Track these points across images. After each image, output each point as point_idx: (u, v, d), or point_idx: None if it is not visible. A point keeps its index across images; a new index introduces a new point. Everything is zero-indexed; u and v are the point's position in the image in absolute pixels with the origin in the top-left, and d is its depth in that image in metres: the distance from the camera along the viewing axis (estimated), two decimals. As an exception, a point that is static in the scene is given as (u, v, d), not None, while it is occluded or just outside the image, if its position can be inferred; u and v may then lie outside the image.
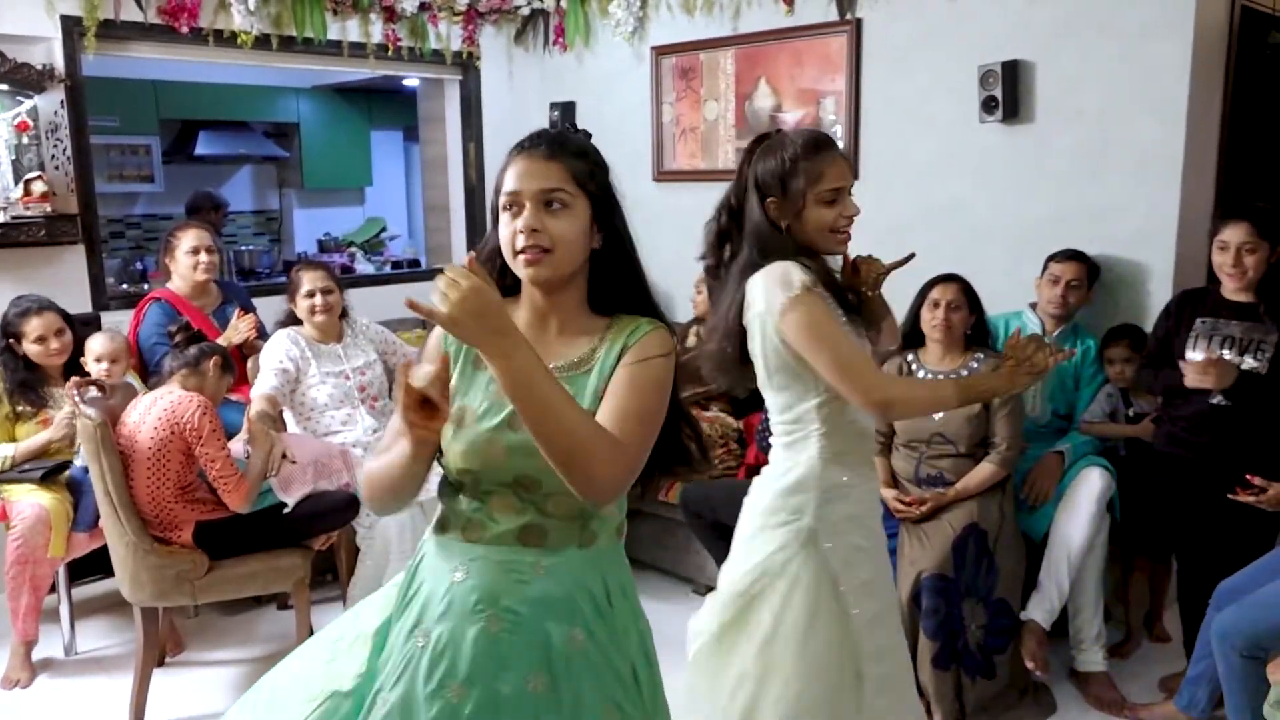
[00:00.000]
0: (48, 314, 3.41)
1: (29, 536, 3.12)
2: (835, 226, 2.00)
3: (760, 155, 2.05)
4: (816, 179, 1.98)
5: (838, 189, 1.99)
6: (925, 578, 2.83)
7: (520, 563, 1.46)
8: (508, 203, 1.45)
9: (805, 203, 1.99)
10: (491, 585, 1.45)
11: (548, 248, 1.43)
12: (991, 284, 3.36)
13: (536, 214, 1.43)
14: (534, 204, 1.43)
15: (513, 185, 1.44)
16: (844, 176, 2.00)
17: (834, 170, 1.99)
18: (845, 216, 2.00)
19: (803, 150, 1.99)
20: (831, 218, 1.99)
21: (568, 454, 1.31)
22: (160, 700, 3.06)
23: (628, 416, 1.39)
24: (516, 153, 1.48)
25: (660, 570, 3.98)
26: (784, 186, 1.99)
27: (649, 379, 1.44)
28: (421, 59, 5.01)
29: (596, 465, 1.32)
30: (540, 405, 1.29)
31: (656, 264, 5.79)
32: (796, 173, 1.98)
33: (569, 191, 1.45)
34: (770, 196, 2.02)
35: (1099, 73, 3.40)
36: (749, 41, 4.39)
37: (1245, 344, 2.87)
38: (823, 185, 1.98)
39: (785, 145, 2.02)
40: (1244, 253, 2.85)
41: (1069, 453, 3.18)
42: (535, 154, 1.45)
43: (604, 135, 5.32)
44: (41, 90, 3.89)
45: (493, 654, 1.43)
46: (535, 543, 1.46)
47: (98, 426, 2.84)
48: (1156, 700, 2.98)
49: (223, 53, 4.42)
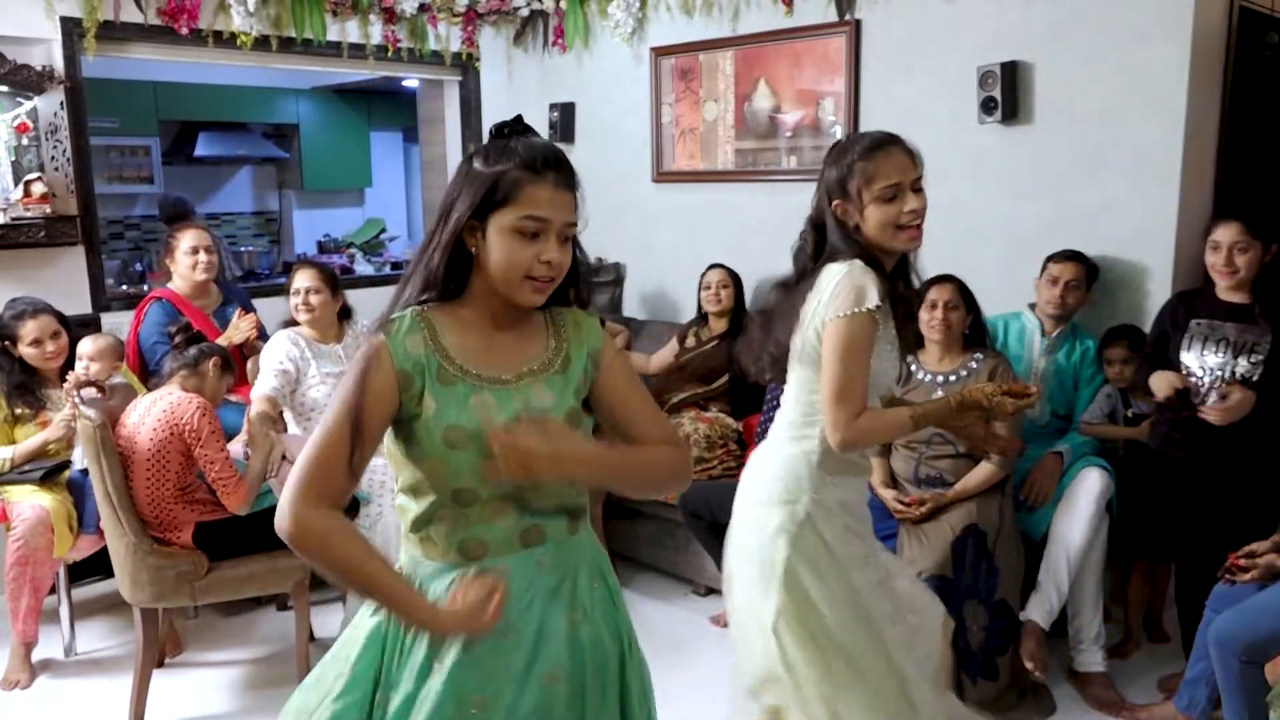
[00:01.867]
0: (43, 316, 3.40)
1: (29, 538, 3.12)
2: (898, 223, 1.98)
3: (827, 161, 2.07)
4: (871, 178, 1.98)
5: (895, 184, 1.98)
6: (925, 579, 2.83)
7: (528, 562, 1.49)
8: (532, 228, 1.42)
9: (864, 202, 1.99)
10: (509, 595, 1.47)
11: (555, 277, 1.46)
12: (990, 284, 3.37)
13: (560, 247, 1.45)
14: (558, 237, 1.45)
15: (543, 212, 1.42)
16: (902, 171, 1.98)
17: (888, 166, 1.98)
18: (908, 211, 1.98)
19: (860, 150, 2.00)
20: (893, 214, 1.98)
21: (662, 483, 1.60)
22: (160, 701, 3.06)
23: (652, 407, 1.58)
24: (536, 175, 1.43)
25: (660, 571, 3.98)
26: (843, 188, 2.01)
27: (634, 369, 1.63)
28: (421, 60, 5.01)
29: (682, 470, 1.57)
30: (627, 478, 1.57)
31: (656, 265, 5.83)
32: (853, 173, 1.99)
33: (575, 224, 1.48)
34: (835, 200, 2.03)
35: (1098, 73, 3.40)
36: (748, 42, 4.39)
37: (1240, 346, 2.87)
38: (877, 183, 1.98)
39: (847, 148, 2.04)
40: (1236, 252, 2.85)
41: (1068, 453, 3.18)
42: (559, 182, 1.45)
43: (603, 136, 5.39)
44: (41, 91, 3.89)
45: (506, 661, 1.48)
46: (537, 541, 1.50)
47: (97, 428, 2.84)
48: (1155, 701, 2.98)
49: (222, 54, 4.42)
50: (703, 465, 3.69)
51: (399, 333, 1.46)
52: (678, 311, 4.68)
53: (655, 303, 4.93)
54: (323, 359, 3.57)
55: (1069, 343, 3.37)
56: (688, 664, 3.23)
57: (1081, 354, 3.36)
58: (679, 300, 4.57)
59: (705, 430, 3.75)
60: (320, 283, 3.60)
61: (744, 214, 4.44)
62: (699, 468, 3.69)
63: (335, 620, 3.48)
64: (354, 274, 6.67)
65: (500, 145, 1.46)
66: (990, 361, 3.12)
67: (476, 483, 1.43)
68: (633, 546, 4.02)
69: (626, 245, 5.00)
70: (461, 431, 1.42)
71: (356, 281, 5.65)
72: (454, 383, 1.44)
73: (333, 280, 3.68)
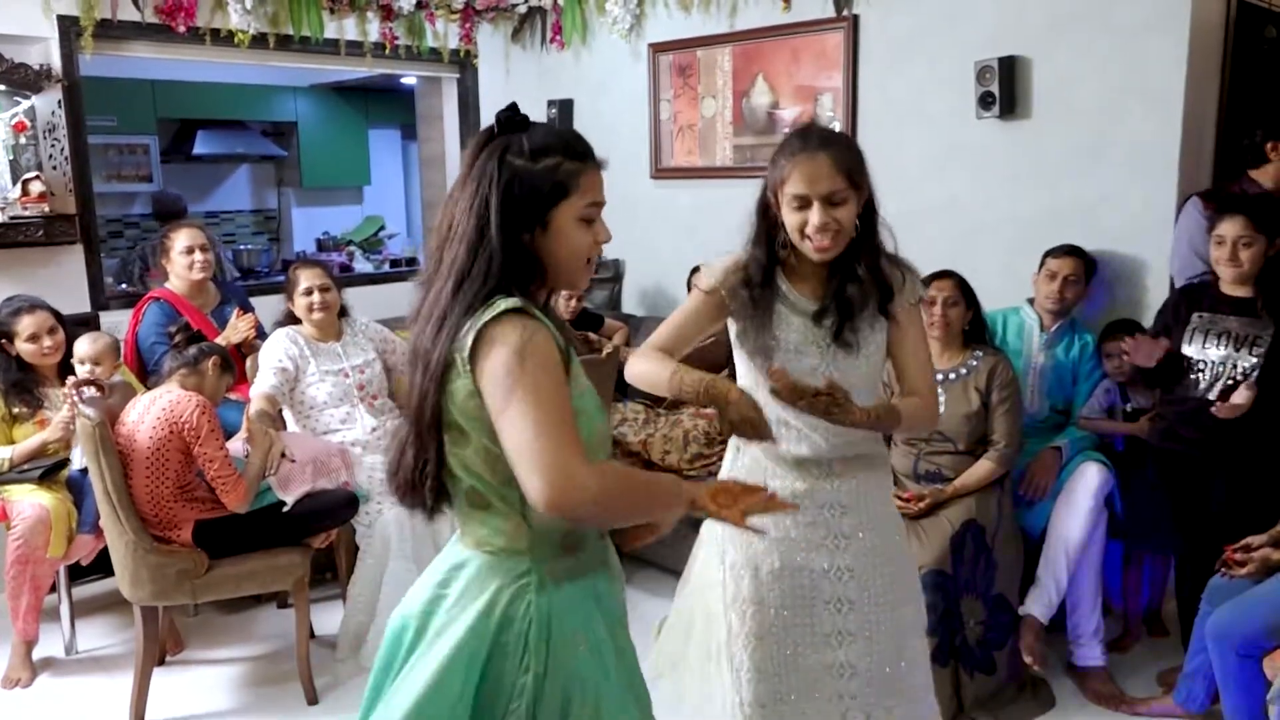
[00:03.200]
0: (39, 312, 3.41)
1: (29, 536, 3.12)
2: (803, 233, 1.91)
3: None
4: (782, 181, 1.92)
5: (800, 197, 1.89)
6: (924, 574, 2.83)
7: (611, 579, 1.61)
8: (592, 214, 1.49)
9: (778, 202, 1.95)
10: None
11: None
12: (988, 280, 3.37)
13: (605, 225, 1.53)
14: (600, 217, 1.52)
15: (599, 196, 1.50)
16: (811, 183, 1.87)
17: (798, 175, 1.88)
18: (814, 227, 1.88)
19: (780, 151, 1.94)
20: (797, 224, 1.91)
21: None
22: (161, 699, 3.07)
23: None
24: (587, 162, 1.49)
25: (657, 566, 3.98)
26: (769, 185, 1.98)
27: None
28: (419, 57, 5.01)
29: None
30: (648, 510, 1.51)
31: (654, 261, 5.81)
32: (773, 172, 1.95)
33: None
34: (768, 192, 2.00)
35: (1095, 68, 3.40)
36: (746, 38, 4.39)
37: (1242, 339, 2.87)
38: (787, 189, 1.91)
39: (786, 142, 1.98)
40: (1240, 246, 2.85)
41: (1067, 448, 3.19)
42: (598, 165, 1.51)
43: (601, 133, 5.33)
44: (39, 90, 3.89)
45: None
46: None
47: (97, 426, 2.84)
48: (1155, 695, 2.98)
49: (220, 52, 4.42)
50: (702, 461, 3.70)
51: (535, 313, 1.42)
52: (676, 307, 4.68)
53: (654, 299, 4.93)
54: (322, 357, 3.57)
55: (1067, 337, 3.37)
56: (687, 660, 3.23)
57: (1080, 349, 3.36)
58: (678, 296, 4.56)
59: (704, 426, 3.75)
60: (328, 280, 3.62)
61: (742, 210, 4.40)
62: (699, 464, 3.70)
63: (335, 618, 3.49)
64: (353, 272, 6.67)
65: (531, 138, 1.46)
66: (990, 358, 3.12)
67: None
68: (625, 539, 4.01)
69: (625, 242, 4.98)
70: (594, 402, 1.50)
71: (356, 279, 5.65)
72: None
73: (334, 278, 3.70)
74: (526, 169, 1.43)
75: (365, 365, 3.66)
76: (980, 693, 2.88)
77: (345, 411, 3.57)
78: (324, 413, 3.55)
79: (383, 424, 3.60)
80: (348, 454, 3.37)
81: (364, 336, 3.76)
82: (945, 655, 2.83)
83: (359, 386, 3.61)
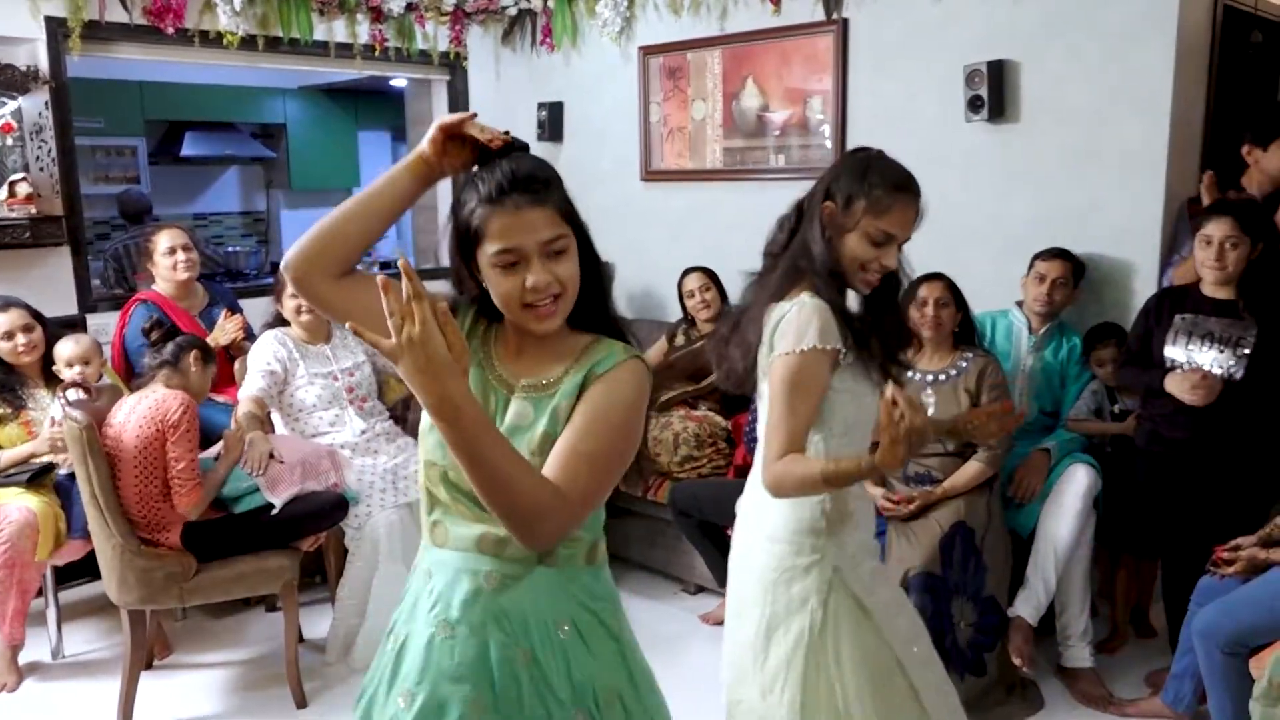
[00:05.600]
0: (12, 310, 3.39)
1: (16, 540, 3.10)
2: (867, 265, 1.89)
3: (846, 161, 1.96)
4: (879, 212, 1.87)
5: (890, 235, 1.88)
6: (913, 576, 2.84)
7: (476, 572, 1.40)
8: (506, 261, 1.34)
9: (855, 227, 1.88)
10: (445, 592, 1.42)
11: (559, 294, 1.37)
12: (977, 283, 3.38)
13: (545, 266, 1.35)
14: (540, 257, 1.35)
15: (511, 242, 1.33)
16: (904, 227, 1.89)
17: (898, 215, 1.88)
18: (880, 264, 1.89)
19: (884, 179, 1.89)
20: (869, 257, 1.88)
21: (508, 509, 1.26)
22: (148, 703, 3.05)
23: (579, 459, 1.32)
24: (494, 206, 1.34)
25: (650, 569, 3.99)
26: (848, 201, 1.89)
27: (610, 420, 1.36)
28: (408, 59, 5.00)
29: (536, 521, 1.27)
30: (479, 467, 1.23)
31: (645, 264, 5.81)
32: (867, 196, 1.87)
33: (565, 234, 1.37)
34: (830, 201, 1.91)
35: (1084, 72, 3.42)
36: (736, 41, 4.39)
37: (1224, 340, 2.89)
38: (880, 222, 1.87)
39: (873, 166, 1.91)
40: (1227, 247, 2.88)
41: (1055, 450, 3.20)
42: (522, 203, 1.34)
43: (591, 136, 5.38)
44: (26, 91, 3.87)
45: (439, 661, 1.41)
46: (492, 551, 1.40)
47: (84, 429, 2.82)
48: (1143, 695, 3.00)
49: (208, 53, 4.41)
50: (692, 463, 3.70)
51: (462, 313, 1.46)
52: (666, 310, 4.68)
53: (644, 302, 4.93)
54: (311, 359, 3.56)
55: (1056, 340, 3.39)
56: (678, 662, 3.23)
57: (1068, 351, 3.38)
58: (668, 299, 4.57)
59: (694, 429, 3.75)
60: None
61: (732, 213, 4.45)
62: (688, 466, 3.70)
63: (324, 622, 3.48)
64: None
65: (470, 178, 1.40)
66: (979, 360, 3.14)
67: (445, 460, 1.40)
68: (623, 545, 4.02)
69: (615, 244, 4.96)
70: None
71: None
72: (480, 368, 1.44)
73: None
74: (456, 214, 1.39)
75: (354, 368, 3.65)
76: (970, 694, 2.88)
77: (334, 414, 3.56)
78: (313, 415, 3.54)
79: (372, 427, 3.59)
80: (337, 456, 3.36)
81: (353, 339, 3.74)
82: (935, 657, 2.83)
83: (348, 389, 3.60)
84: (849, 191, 1.89)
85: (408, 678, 1.43)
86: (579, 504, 1.32)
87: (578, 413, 1.37)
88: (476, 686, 1.39)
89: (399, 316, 1.17)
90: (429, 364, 1.17)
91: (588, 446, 1.33)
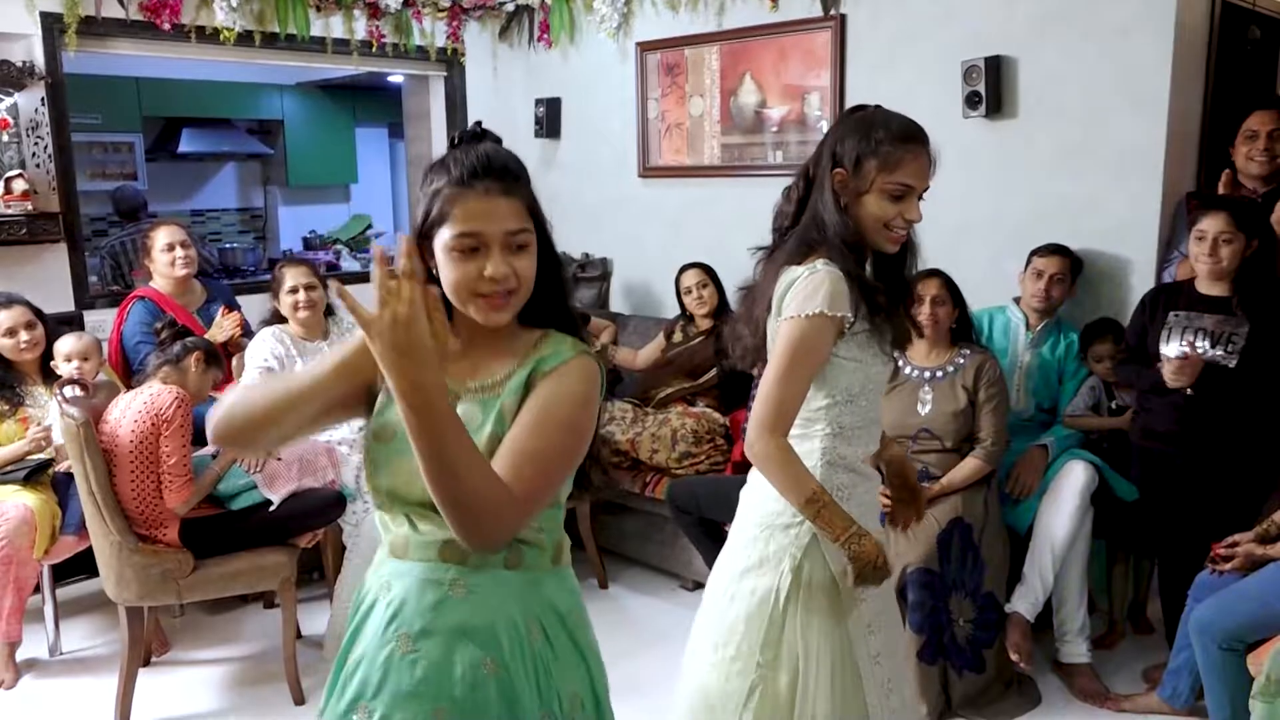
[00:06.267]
0: (16, 307, 3.39)
1: (13, 537, 3.09)
2: (891, 223, 1.84)
3: (846, 123, 1.89)
4: (892, 167, 1.81)
5: (908, 186, 1.83)
6: (911, 572, 2.85)
7: (440, 581, 1.37)
8: (468, 244, 1.31)
9: (870, 187, 1.83)
10: (406, 604, 1.38)
11: (514, 289, 1.33)
12: (975, 279, 3.38)
13: (505, 258, 1.31)
14: (501, 248, 1.32)
15: (475, 226, 1.30)
16: (920, 176, 1.85)
17: (913, 165, 1.83)
18: (905, 219, 1.85)
19: (890, 133, 1.83)
20: (891, 213, 1.83)
21: (453, 504, 1.22)
22: (146, 700, 3.05)
23: (525, 459, 1.29)
24: (463, 189, 1.31)
25: (647, 565, 3.99)
26: (858, 163, 1.83)
27: (557, 417, 1.32)
28: (406, 55, 4.99)
29: (482, 519, 1.23)
30: (437, 459, 1.19)
31: (642, 261, 5.80)
32: (875, 153, 1.82)
33: (529, 229, 1.35)
34: (840, 167, 1.85)
35: (1082, 68, 3.42)
36: (734, 37, 4.39)
37: (1217, 336, 2.90)
38: (895, 176, 1.82)
39: (875, 122, 1.86)
40: (1221, 243, 2.88)
41: (1053, 446, 3.20)
42: (493, 190, 1.32)
43: (589, 132, 5.37)
44: (22, 88, 3.86)
45: (399, 678, 1.37)
46: (456, 559, 1.36)
47: (81, 426, 2.82)
48: (1139, 691, 3.00)
49: (205, 49, 4.39)
50: (690, 460, 3.70)
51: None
52: (664, 306, 4.68)
53: (642, 298, 4.93)
54: (308, 356, 3.55)
55: (1053, 336, 3.39)
56: (675, 659, 3.22)
57: (1066, 347, 3.38)
58: (665, 295, 4.56)
59: (692, 425, 3.75)
60: (314, 278, 3.61)
61: (730, 209, 4.44)
62: (687, 462, 3.70)
63: (322, 618, 3.48)
64: (340, 270, 6.64)
65: (443, 159, 1.37)
66: (977, 357, 3.14)
67: (402, 483, 1.36)
68: (620, 541, 4.02)
69: (613, 240, 4.99)
70: (382, 430, 1.39)
71: (343, 278, 5.63)
72: None
73: (320, 277, 3.68)
74: (423, 192, 1.35)
75: (352, 365, 3.63)
76: (967, 690, 2.89)
77: (332, 411, 3.54)
78: (310, 412, 3.53)
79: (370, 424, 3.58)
80: (334, 453, 3.35)
81: (350, 336, 3.73)
82: (933, 653, 2.84)
83: (346, 386, 3.59)
84: (857, 152, 1.83)
85: (364, 691, 1.38)
86: (524, 502, 1.27)
87: (525, 409, 1.33)
88: (436, 701, 1.35)
89: (386, 291, 1.14)
90: (410, 347, 1.14)
91: (534, 444, 1.30)
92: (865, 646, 1.91)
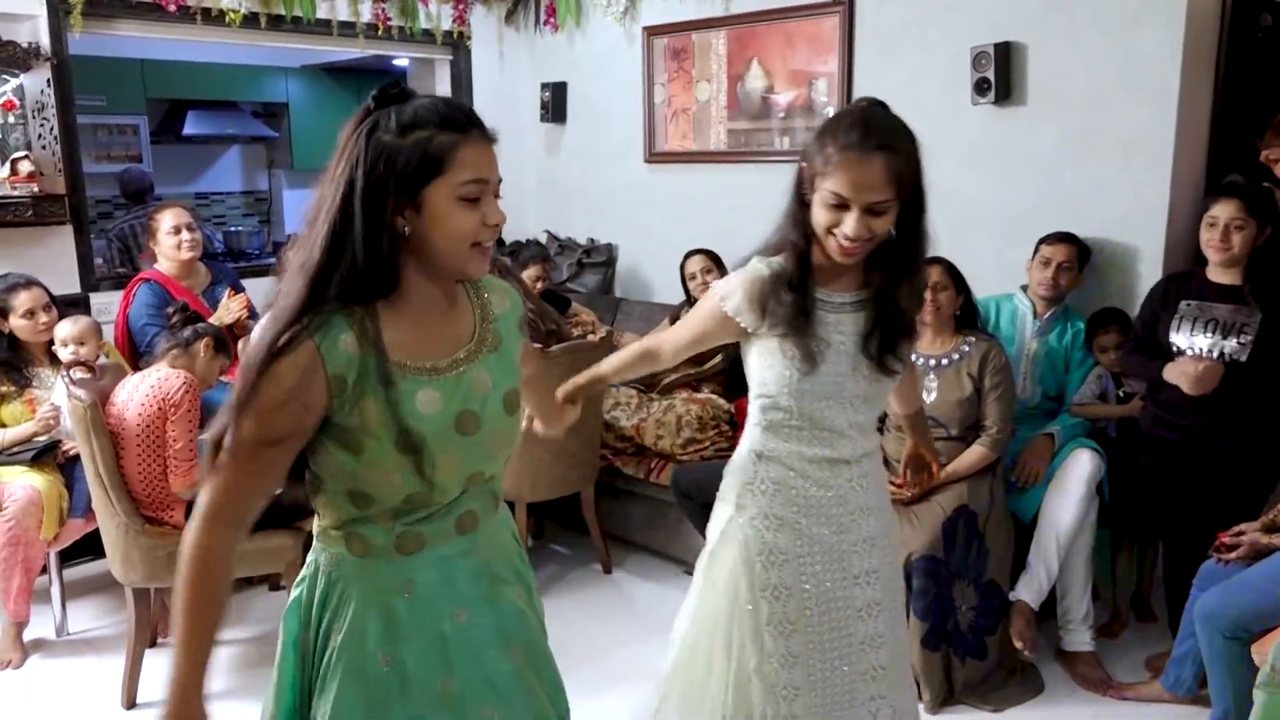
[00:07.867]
0: (36, 289, 3.41)
1: (21, 518, 3.11)
2: (831, 233, 1.71)
3: (822, 126, 1.78)
4: (826, 174, 1.68)
5: (842, 198, 1.67)
6: (915, 559, 2.85)
7: (469, 550, 1.44)
8: (475, 192, 1.30)
9: (815, 189, 1.72)
10: (439, 590, 1.42)
11: (495, 239, 1.39)
12: (982, 267, 3.37)
13: (496, 205, 1.35)
14: (493, 195, 1.35)
15: (481, 173, 1.31)
16: (854, 190, 1.66)
17: (843, 176, 1.66)
18: (846, 237, 1.68)
19: (835, 136, 1.69)
20: (827, 222, 1.70)
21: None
22: (153, 681, 3.07)
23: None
24: (464, 135, 1.30)
25: (651, 551, 4.00)
26: (809, 160, 1.74)
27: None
28: (411, 38, 4.97)
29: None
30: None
31: (648, 246, 5.77)
32: (820, 154, 1.70)
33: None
34: (804, 164, 1.76)
35: (1091, 56, 3.40)
36: (741, 22, 4.37)
37: (1229, 326, 2.88)
38: (827, 184, 1.68)
39: (838, 121, 1.73)
40: (1232, 229, 2.87)
41: (1059, 435, 3.20)
42: (484, 137, 1.33)
43: (595, 117, 5.35)
44: (27, 69, 3.85)
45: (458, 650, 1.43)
46: (471, 527, 1.44)
47: (88, 408, 2.83)
48: (1143, 679, 3.01)
49: (210, 31, 4.38)
50: (695, 446, 3.70)
51: (329, 333, 1.29)
52: (670, 292, 4.67)
53: (647, 283, 4.93)
54: None
55: (1061, 324, 3.38)
56: (679, 643, 3.24)
57: (1073, 336, 3.37)
58: (671, 281, 4.56)
59: (697, 411, 3.75)
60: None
61: (736, 195, 4.43)
62: (691, 448, 3.70)
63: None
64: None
65: (400, 111, 1.31)
66: (983, 344, 3.13)
67: (429, 487, 1.35)
68: (625, 527, 4.03)
69: (618, 226, 4.98)
70: (415, 435, 1.31)
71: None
72: (396, 382, 1.31)
73: None
74: (394, 144, 1.29)
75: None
76: (970, 677, 2.90)
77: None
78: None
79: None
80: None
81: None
82: (937, 640, 2.84)
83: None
84: (810, 150, 1.74)
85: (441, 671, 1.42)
86: None
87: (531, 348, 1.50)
88: (498, 648, 1.46)
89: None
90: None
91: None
92: (767, 642, 1.88)
